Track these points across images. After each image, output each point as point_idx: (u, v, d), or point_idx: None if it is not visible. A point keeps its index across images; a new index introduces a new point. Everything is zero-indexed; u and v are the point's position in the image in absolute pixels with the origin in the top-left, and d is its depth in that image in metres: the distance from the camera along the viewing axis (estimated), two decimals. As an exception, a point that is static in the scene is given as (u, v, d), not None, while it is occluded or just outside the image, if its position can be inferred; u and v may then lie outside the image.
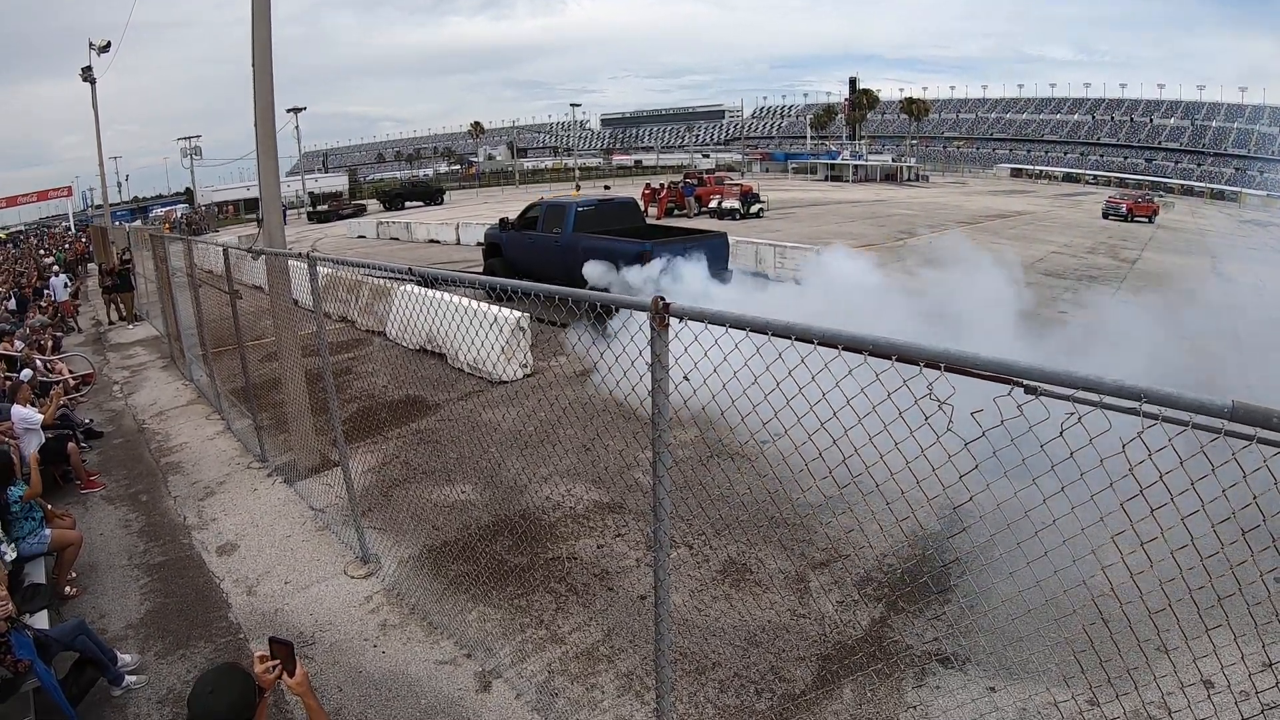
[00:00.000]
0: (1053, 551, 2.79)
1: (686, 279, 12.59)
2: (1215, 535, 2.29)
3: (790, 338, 2.58)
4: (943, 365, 2.27)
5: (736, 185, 47.14)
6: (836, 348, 2.49)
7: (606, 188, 62.99)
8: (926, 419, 2.50)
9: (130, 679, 5.34)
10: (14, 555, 6.12)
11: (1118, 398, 1.99)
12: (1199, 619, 2.79)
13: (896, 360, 2.38)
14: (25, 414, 8.77)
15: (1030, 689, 4.65)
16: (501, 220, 18.94)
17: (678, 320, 2.96)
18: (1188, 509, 2.17)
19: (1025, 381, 2.15)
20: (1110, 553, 2.62)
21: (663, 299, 2.92)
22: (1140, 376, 1.98)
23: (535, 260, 16.85)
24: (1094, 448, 2.20)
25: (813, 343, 2.54)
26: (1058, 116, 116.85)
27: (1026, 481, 2.54)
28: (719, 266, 14.53)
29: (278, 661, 3.05)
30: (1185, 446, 2.02)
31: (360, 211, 61.52)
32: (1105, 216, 45.39)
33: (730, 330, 2.80)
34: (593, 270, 13.94)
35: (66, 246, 45.67)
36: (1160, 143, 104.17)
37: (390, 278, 15.19)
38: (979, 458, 2.58)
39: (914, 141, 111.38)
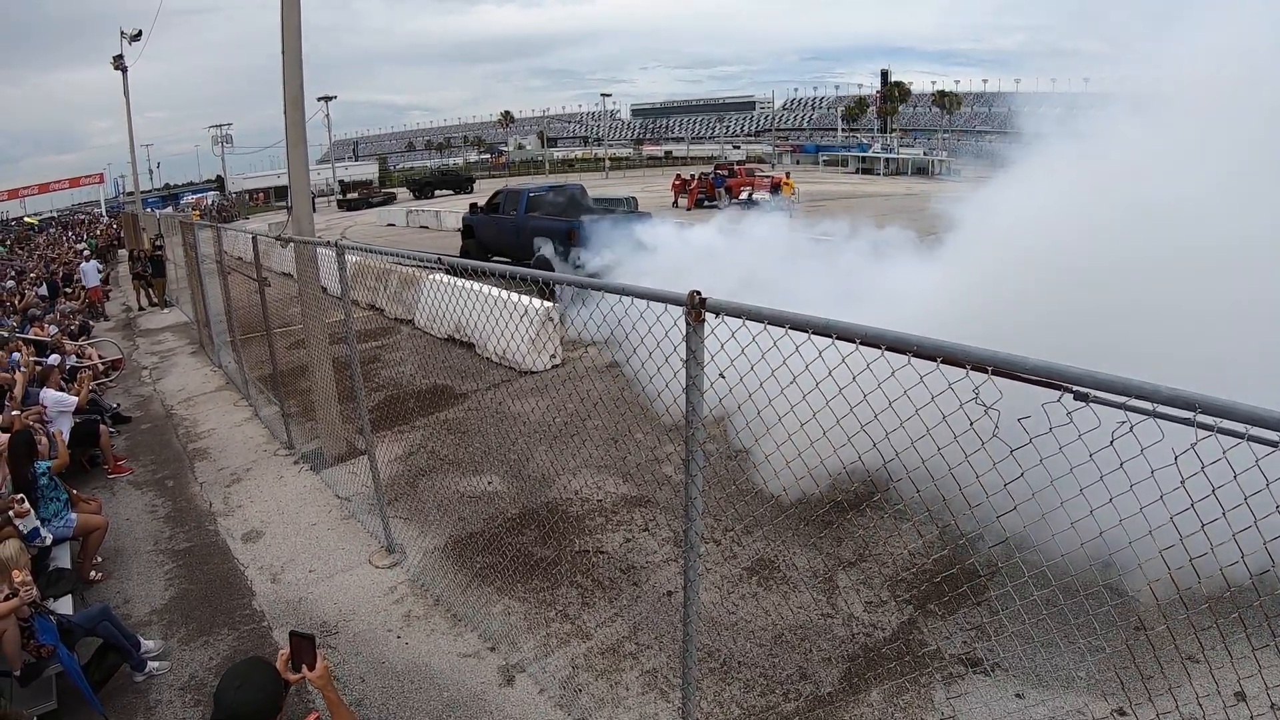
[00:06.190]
0: (1095, 563, 2.70)
1: (607, 251, 14.16)
2: (1266, 552, 2.19)
3: (831, 335, 2.50)
4: (990, 369, 2.18)
5: (767, 177, 46.75)
6: (880, 347, 2.40)
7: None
8: (972, 424, 2.41)
9: (153, 665, 5.36)
10: (50, 540, 6.17)
11: (1172, 406, 1.90)
12: (1245, 637, 2.68)
13: (942, 362, 2.29)
14: (59, 397, 8.95)
15: (1060, 696, 4.54)
16: (472, 205, 21.44)
17: (713, 315, 2.87)
18: (1239, 524, 2.07)
19: (1076, 387, 2.06)
20: (1157, 566, 2.52)
21: (698, 293, 2.83)
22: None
23: (497, 239, 19.00)
24: (1145, 458, 2.11)
25: (855, 342, 2.46)
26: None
27: (1074, 491, 2.43)
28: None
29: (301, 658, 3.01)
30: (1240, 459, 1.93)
31: (390, 200, 62.02)
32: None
33: (769, 327, 2.72)
34: (538, 245, 16.49)
35: (98, 233, 46.16)
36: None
37: (420, 266, 15.31)
38: (1024, 465, 2.48)
39: (946, 135, 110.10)
